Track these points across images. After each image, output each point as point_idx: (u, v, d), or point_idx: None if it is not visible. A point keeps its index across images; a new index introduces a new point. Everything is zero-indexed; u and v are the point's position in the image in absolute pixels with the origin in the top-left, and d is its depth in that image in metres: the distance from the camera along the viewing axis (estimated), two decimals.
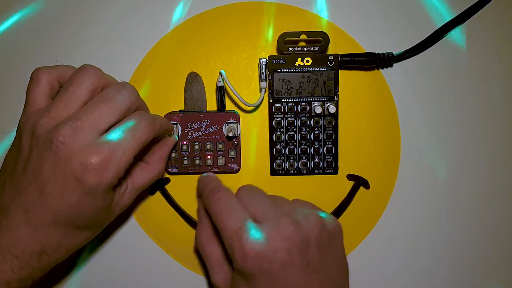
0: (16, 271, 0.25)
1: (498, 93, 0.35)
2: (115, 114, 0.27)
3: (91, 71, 0.28)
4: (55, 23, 0.35)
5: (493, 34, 0.35)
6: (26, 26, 0.35)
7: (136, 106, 0.29)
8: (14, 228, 0.25)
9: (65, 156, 0.25)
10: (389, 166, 0.35)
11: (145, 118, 0.28)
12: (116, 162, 0.26)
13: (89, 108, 0.26)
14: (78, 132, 0.25)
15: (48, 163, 0.25)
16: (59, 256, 0.27)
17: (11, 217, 0.25)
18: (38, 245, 0.26)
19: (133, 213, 0.35)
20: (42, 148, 0.25)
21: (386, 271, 0.35)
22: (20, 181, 0.26)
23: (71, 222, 0.26)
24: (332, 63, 0.33)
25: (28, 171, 0.26)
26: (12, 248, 0.25)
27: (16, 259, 0.25)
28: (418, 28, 0.35)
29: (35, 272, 0.26)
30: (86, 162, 0.25)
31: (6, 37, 0.35)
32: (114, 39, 0.35)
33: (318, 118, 0.34)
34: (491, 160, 0.35)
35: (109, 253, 0.35)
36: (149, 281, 0.35)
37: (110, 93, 0.27)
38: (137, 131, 0.27)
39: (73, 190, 0.25)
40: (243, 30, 0.35)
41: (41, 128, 0.26)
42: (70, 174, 0.25)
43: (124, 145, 0.26)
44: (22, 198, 0.26)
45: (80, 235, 0.28)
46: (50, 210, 0.25)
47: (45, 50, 0.35)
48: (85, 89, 0.27)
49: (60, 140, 0.25)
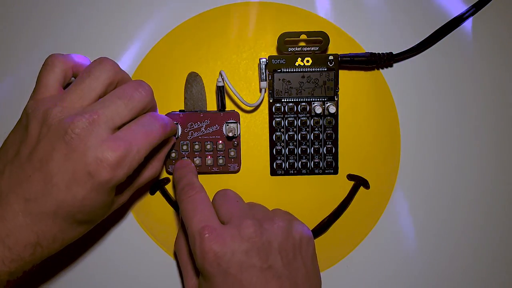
0: (7, 263, 0.24)
1: (498, 93, 0.35)
2: (131, 112, 0.27)
3: (109, 64, 0.28)
4: (55, 23, 0.35)
5: (494, 34, 0.35)
6: (23, 26, 0.35)
7: (150, 107, 0.29)
8: (11, 217, 0.24)
9: (79, 148, 0.24)
10: (389, 166, 0.35)
11: (159, 120, 0.28)
12: (130, 160, 0.25)
13: (106, 103, 0.26)
14: (95, 126, 0.25)
15: (59, 154, 0.24)
16: (52, 248, 0.26)
17: (9, 205, 0.24)
18: (34, 237, 0.25)
19: (133, 213, 0.35)
20: (54, 137, 0.25)
21: (386, 271, 0.35)
22: (23, 168, 0.25)
23: (72, 215, 0.26)
24: (332, 63, 0.33)
25: (34, 159, 0.25)
26: (6, 238, 0.24)
27: (8, 251, 0.24)
28: (418, 28, 0.35)
29: (26, 264, 0.25)
30: (102, 157, 0.24)
31: (6, 35, 0.35)
32: (114, 39, 0.35)
33: (318, 118, 0.34)
34: (492, 160, 0.35)
35: (108, 252, 0.35)
36: (149, 280, 0.35)
37: (129, 90, 0.27)
38: (151, 133, 0.27)
39: (82, 183, 0.25)
40: (243, 30, 0.35)
41: (54, 117, 0.25)
42: (83, 167, 0.24)
43: (139, 144, 0.26)
44: (24, 186, 0.25)
45: (77, 229, 0.27)
46: (53, 201, 0.25)
47: (44, 50, 0.35)
48: (102, 83, 0.27)
49: (76, 132, 0.24)
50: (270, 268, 0.26)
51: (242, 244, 0.25)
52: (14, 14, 0.35)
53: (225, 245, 0.25)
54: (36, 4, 0.35)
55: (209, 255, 0.25)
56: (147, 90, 0.28)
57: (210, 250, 0.25)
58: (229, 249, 0.25)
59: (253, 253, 0.25)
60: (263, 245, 0.26)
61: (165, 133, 0.29)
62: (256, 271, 0.25)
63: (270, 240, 0.26)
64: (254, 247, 0.25)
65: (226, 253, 0.25)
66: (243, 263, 0.25)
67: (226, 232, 0.26)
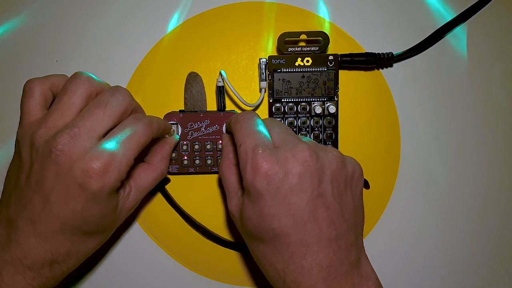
0: (30, 281, 0.25)
1: (498, 93, 0.35)
2: (111, 118, 0.27)
3: (84, 78, 0.28)
4: (55, 23, 0.35)
5: (493, 34, 0.35)
6: (25, 28, 0.35)
7: (131, 109, 0.29)
8: (23, 240, 0.25)
9: (66, 163, 0.25)
10: (389, 166, 0.35)
11: (142, 120, 0.28)
12: (117, 165, 0.26)
13: (85, 114, 0.26)
14: (76, 139, 0.25)
15: (50, 173, 0.25)
16: (70, 264, 0.27)
17: (19, 229, 0.26)
18: (48, 255, 0.26)
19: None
20: (42, 158, 0.25)
21: (386, 271, 0.35)
22: (24, 193, 0.26)
23: (78, 228, 0.26)
24: (332, 63, 0.33)
25: (31, 182, 0.26)
26: (23, 259, 0.25)
27: (28, 270, 0.25)
28: (418, 28, 0.35)
29: (48, 281, 0.26)
30: (87, 168, 0.25)
31: (5, 39, 0.35)
32: (114, 39, 0.35)
33: (318, 118, 0.34)
34: (491, 160, 0.35)
35: (108, 252, 0.35)
36: (148, 280, 0.35)
37: (105, 97, 0.27)
38: (135, 134, 0.27)
39: (77, 196, 0.25)
40: (243, 30, 0.35)
41: (40, 139, 0.26)
42: (73, 181, 0.25)
43: (124, 148, 0.26)
44: (28, 210, 0.26)
45: (89, 241, 0.28)
46: (56, 218, 0.25)
47: (45, 50, 0.35)
48: (80, 96, 0.27)
49: (59, 148, 0.25)
50: (321, 196, 0.25)
51: (295, 167, 0.25)
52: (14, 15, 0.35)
53: (278, 164, 0.25)
54: (37, 4, 0.35)
55: (260, 171, 0.24)
56: (124, 94, 0.28)
57: (262, 166, 0.24)
58: (281, 169, 0.25)
59: (306, 177, 0.25)
60: (317, 171, 0.25)
61: (152, 131, 0.29)
62: (306, 196, 0.25)
63: (324, 168, 0.25)
64: (307, 172, 0.25)
65: (278, 172, 0.24)
66: (295, 185, 0.24)
67: (280, 153, 0.25)
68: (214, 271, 0.35)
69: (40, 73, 0.30)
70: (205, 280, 0.35)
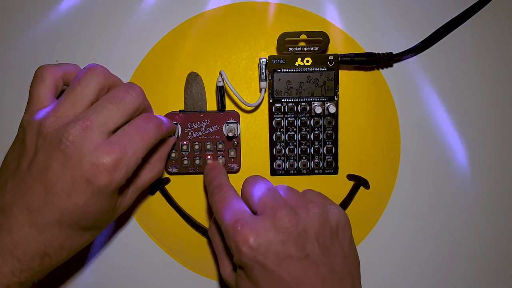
0: (17, 274, 0.25)
1: (499, 93, 0.35)
2: (123, 115, 0.27)
3: (99, 70, 0.28)
4: (55, 22, 0.35)
5: (493, 34, 0.35)
6: (26, 27, 0.35)
7: (143, 108, 0.29)
8: (17, 229, 0.25)
9: (75, 155, 0.25)
10: (389, 166, 0.35)
11: (153, 121, 0.28)
12: (127, 162, 0.25)
13: (98, 108, 0.26)
14: (88, 132, 0.25)
15: (57, 163, 0.25)
16: (61, 257, 0.27)
17: (14, 218, 0.25)
18: (41, 247, 0.25)
19: (133, 213, 0.35)
20: (50, 147, 0.25)
21: (386, 271, 0.35)
22: (24, 181, 0.25)
23: (76, 223, 0.26)
24: (332, 63, 0.33)
25: (34, 170, 0.25)
26: (14, 250, 0.25)
27: (17, 262, 0.25)
28: (418, 28, 0.35)
29: (36, 274, 0.26)
30: (98, 162, 0.24)
31: (7, 37, 0.35)
32: (114, 39, 0.35)
33: (318, 118, 0.34)
34: (492, 159, 0.35)
35: (108, 252, 0.35)
36: (148, 280, 0.35)
37: (119, 93, 0.27)
38: (146, 134, 0.27)
39: (82, 190, 0.25)
40: (243, 30, 0.35)
41: (49, 127, 0.25)
42: (80, 174, 0.25)
43: (134, 146, 0.26)
44: (26, 198, 0.25)
45: (83, 236, 0.28)
46: (56, 210, 0.25)
47: (45, 49, 0.35)
48: (93, 89, 0.27)
49: (70, 139, 0.25)
50: (308, 257, 0.25)
51: (277, 235, 0.25)
52: (15, 14, 0.35)
53: (259, 237, 0.25)
54: (37, 5, 0.35)
55: (244, 248, 0.25)
56: (138, 92, 0.28)
57: (244, 242, 0.25)
58: (264, 241, 0.25)
59: (289, 243, 0.25)
60: (299, 235, 0.25)
61: (161, 132, 0.29)
62: (294, 261, 0.25)
63: (306, 229, 0.26)
64: (290, 238, 0.25)
65: (261, 244, 0.25)
66: (280, 254, 0.25)
67: (259, 224, 0.25)
68: (213, 271, 0.35)
69: None
70: (205, 280, 0.35)
